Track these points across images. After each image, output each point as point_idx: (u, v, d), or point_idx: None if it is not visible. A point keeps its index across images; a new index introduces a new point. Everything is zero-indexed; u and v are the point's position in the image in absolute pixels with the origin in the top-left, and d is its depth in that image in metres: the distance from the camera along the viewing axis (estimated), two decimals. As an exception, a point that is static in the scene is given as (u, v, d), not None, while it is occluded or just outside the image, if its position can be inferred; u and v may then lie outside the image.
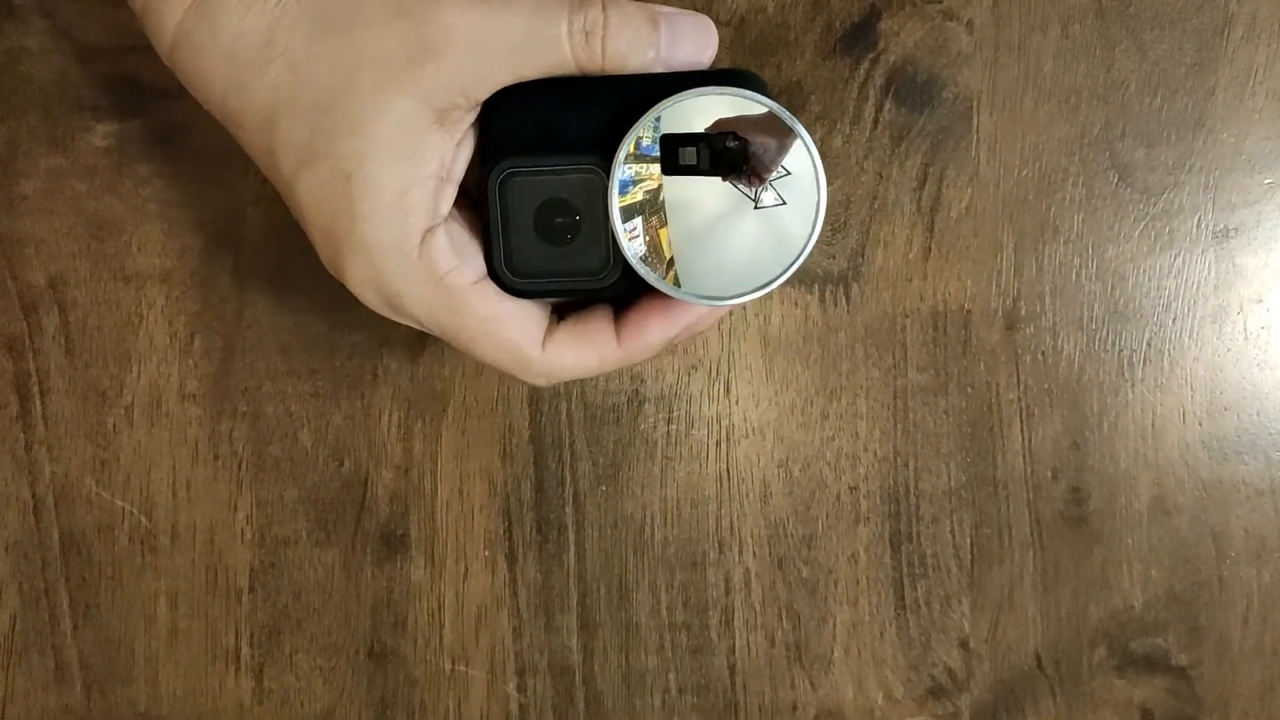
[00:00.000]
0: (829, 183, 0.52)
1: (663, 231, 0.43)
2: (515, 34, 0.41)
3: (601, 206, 0.43)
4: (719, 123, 0.42)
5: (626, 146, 0.42)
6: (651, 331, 0.45)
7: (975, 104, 0.53)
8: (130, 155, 0.54)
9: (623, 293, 0.45)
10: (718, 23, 0.51)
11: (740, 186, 0.42)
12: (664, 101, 0.42)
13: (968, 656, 0.55)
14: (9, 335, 0.55)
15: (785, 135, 0.42)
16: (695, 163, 0.42)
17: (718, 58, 0.51)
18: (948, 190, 0.53)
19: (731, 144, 0.42)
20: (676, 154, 0.42)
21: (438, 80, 0.41)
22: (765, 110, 0.42)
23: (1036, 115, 0.53)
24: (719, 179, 0.42)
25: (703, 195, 0.42)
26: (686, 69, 0.43)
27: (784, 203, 0.42)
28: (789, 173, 0.42)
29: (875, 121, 0.53)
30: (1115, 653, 0.55)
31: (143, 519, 0.56)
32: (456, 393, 0.55)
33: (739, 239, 0.43)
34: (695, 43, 0.43)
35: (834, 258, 0.53)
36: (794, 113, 0.51)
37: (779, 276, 0.43)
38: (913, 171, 0.53)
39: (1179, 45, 0.52)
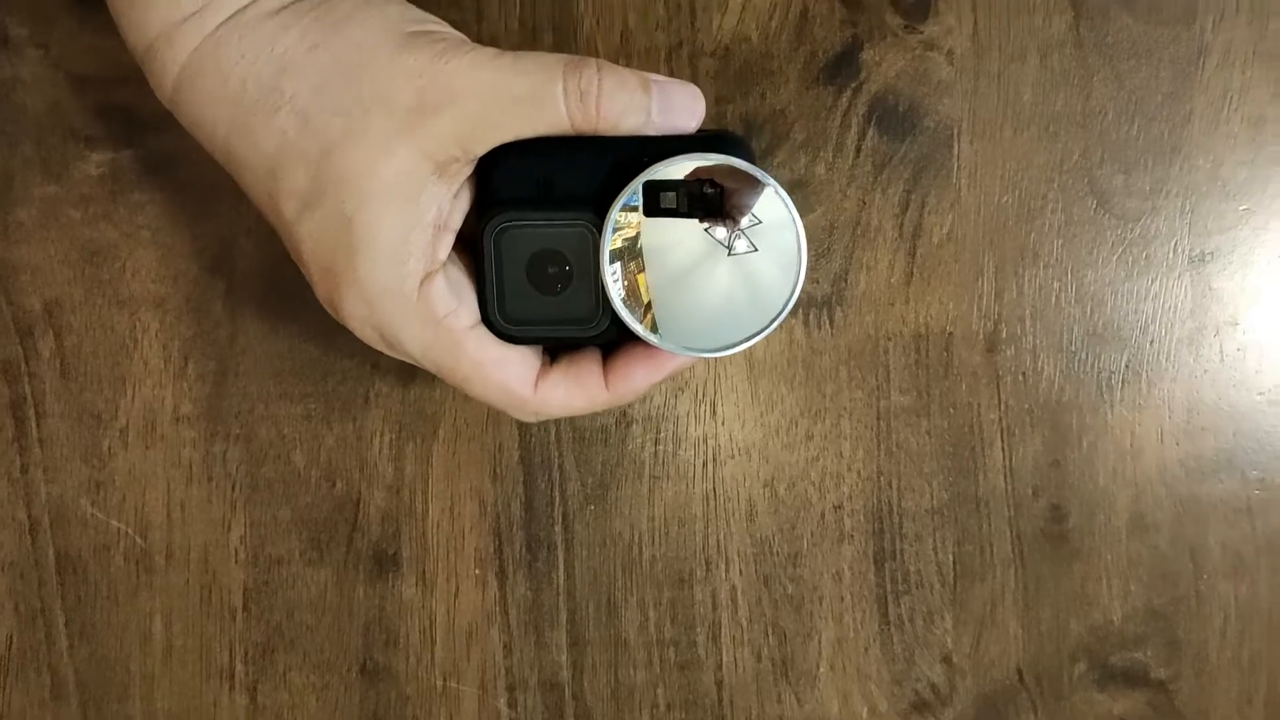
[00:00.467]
0: (811, 210, 0.53)
1: (640, 277, 0.44)
2: (515, 93, 0.42)
3: (592, 260, 0.45)
4: (697, 170, 0.44)
5: (617, 208, 0.44)
6: (637, 377, 0.47)
7: (956, 132, 0.54)
8: (124, 183, 0.55)
9: (611, 340, 0.47)
10: (702, 52, 0.52)
11: (714, 234, 0.44)
12: (655, 166, 0.44)
13: (951, 671, 0.56)
14: (5, 359, 0.56)
15: (759, 181, 0.44)
16: (675, 206, 0.44)
17: (708, 89, 0.52)
18: (929, 216, 0.54)
19: (708, 190, 0.44)
20: (658, 197, 0.44)
21: (440, 134, 0.42)
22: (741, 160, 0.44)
23: (1016, 143, 0.54)
24: (695, 227, 0.44)
25: (678, 242, 0.44)
26: (675, 133, 0.45)
27: (755, 249, 0.44)
28: (760, 221, 0.44)
29: (858, 149, 0.54)
30: (1095, 667, 0.56)
31: (138, 539, 0.56)
32: (447, 414, 0.56)
33: (714, 284, 0.44)
34: (684, 110, 0.45)
35: (818, 282, 0.54)
36: (778, 144, 0.52)
37: (760, 331, 0.45)
38: (895, 198, 0.54)
39: (1155, 74, 0.53)
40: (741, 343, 0.45)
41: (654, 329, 0.45)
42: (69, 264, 0.55)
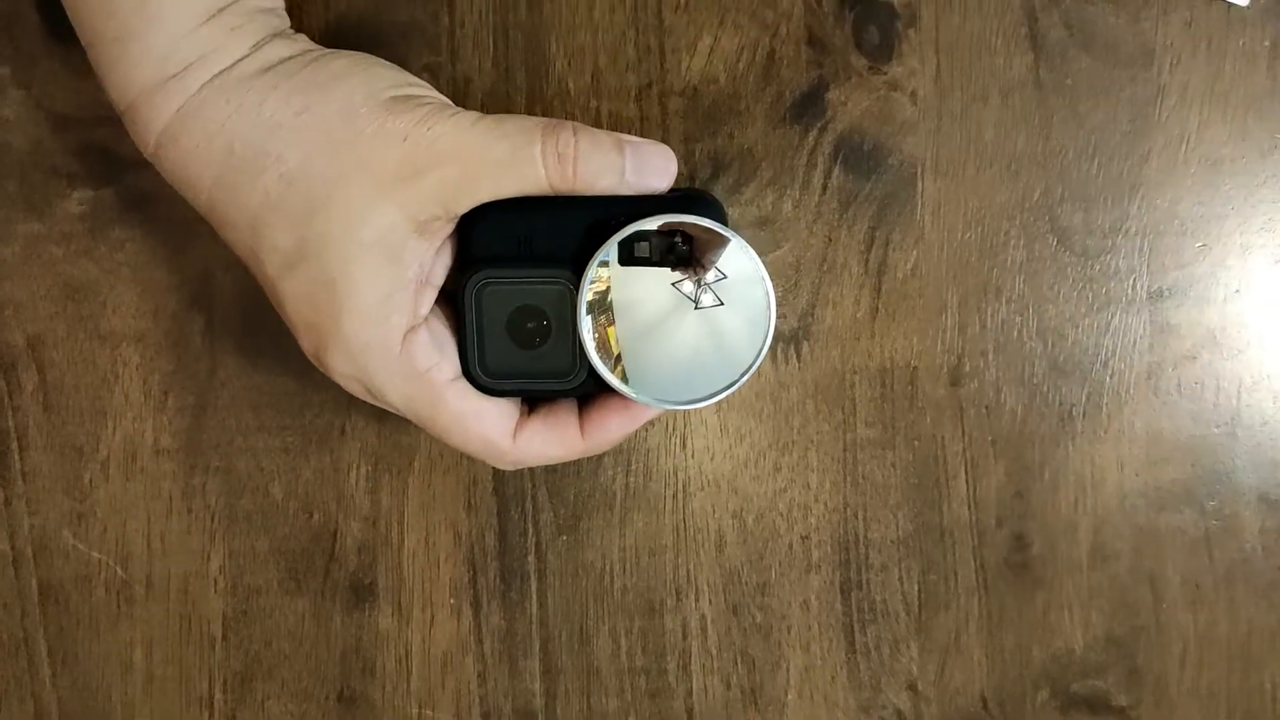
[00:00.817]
0: (777, 246, 0.55)
1: (610, 330, 0.46)
2: (495, 156, 0.44)
3: (570, 316, 0.47)
4: (668, 222, 0.45)
5: (594, 266, 0.46)
6: (612, 428, 0.49)
7: (920, 170, 0.55)
8: (104, 221, 0.56)
9: (587, 393, 0.49)
10: (671, 92, 0.53)
11: (682, 289, 0.45)
12: (631, 225, 0.45)
13: (916, 699, 0.57)
14: (-12, 393, 0.57)
15: (726, 235, 0.45)
16: (648, 255, 0.45)
17: (676, 128, 0.53)
18: (894, 253, 0.55)
19: (679, 240, 0.45)
20: (631, 248, 0.45)
21: (422, 195, 0.44)
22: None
23: (978, 181, 0.55)
24: (664, 282, 0.46)
25: (647, 296, 0.46)
26: (649, 193, 0.46)
27: (721, 304, 0.45)
28: (726, 276, 0.45)
29: (824, 187, 0.55)
30: (1058, 694, 0.57)
31: (119, 570, 0.57)
32: (422, 447, 0.57)
33: (681, 336, 0.46)
34: (657, 170, 0.46)
35: (785, 317, 0.55)
36: (745, 181, 0.53)
37: (731, 385, 0.47)
38: (860, 235, 0.55)
39: (1114, 114, 0.54)
40: (712, 396, 0.47)
41: (624, 379, 0.46)
42: (51, 300, 0.56)
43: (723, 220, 0.46)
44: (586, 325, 0.46)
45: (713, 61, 0.54)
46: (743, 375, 0.46)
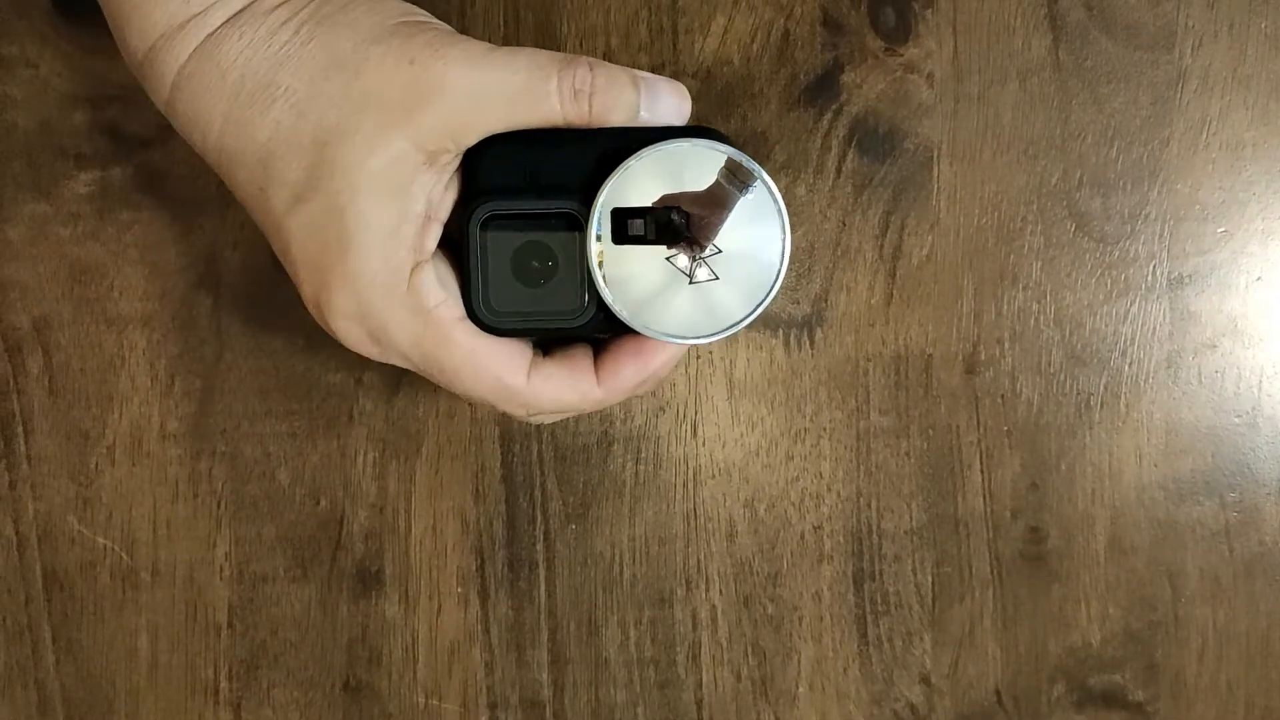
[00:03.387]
0: (791, 231, 0.54)
1: None
2: (509, 88, 0.44)
3: (578, 250, 0.45)
4: (664, 198, 0.45)
5: (604, 194, 0.45)
6: (626, 372, 0.47)
7: (936, 154, 0.54)
8: (112, 202, 0.55)
9: (595, 332, 0.47)
10: (684, 74, 0.53)
11: (676, 263, 0.44)
12: (641, 151, 0.44)
13: (929, 692, 0.56)
14: (-7, 376, 0.56)
15: (724, 208, 0.44)
16: (643, 233, 0.44)
17: (690, 109, 0.52)
18: (909, 238, 0.54)
19: (675, 217, 0.44)
20: (626, 225, 0.44)
21: (433, 125, 0.43)
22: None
23: (996, 165, 0.54)
24: (657, 258, 0.45)
25: (641, 271, 0.45)
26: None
27: (716, 278, 0.44)
28: (720, 250, 0.44)
29: (838, 171, 0.54)
30: (1074, 689, 0.56)
31: (124, 556, 0.57)
32: (430, 433, 0.56)
33: (675, 311, 0.45)
34: (672, 107, 0.46)
35: (798, 303, 0.55)
36: (759, 165, 0.52)
37: (746, 317, 0.45)
38: (875, 219, 0.54)
39: (1134, 98, 0.53)
40: (731, 327, 0.45)
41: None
42: (57, 282, 0.56)
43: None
44: (595, 254, 0.45)
45: (726, 43, 0.54)
46: (758, 307, 0.45)
